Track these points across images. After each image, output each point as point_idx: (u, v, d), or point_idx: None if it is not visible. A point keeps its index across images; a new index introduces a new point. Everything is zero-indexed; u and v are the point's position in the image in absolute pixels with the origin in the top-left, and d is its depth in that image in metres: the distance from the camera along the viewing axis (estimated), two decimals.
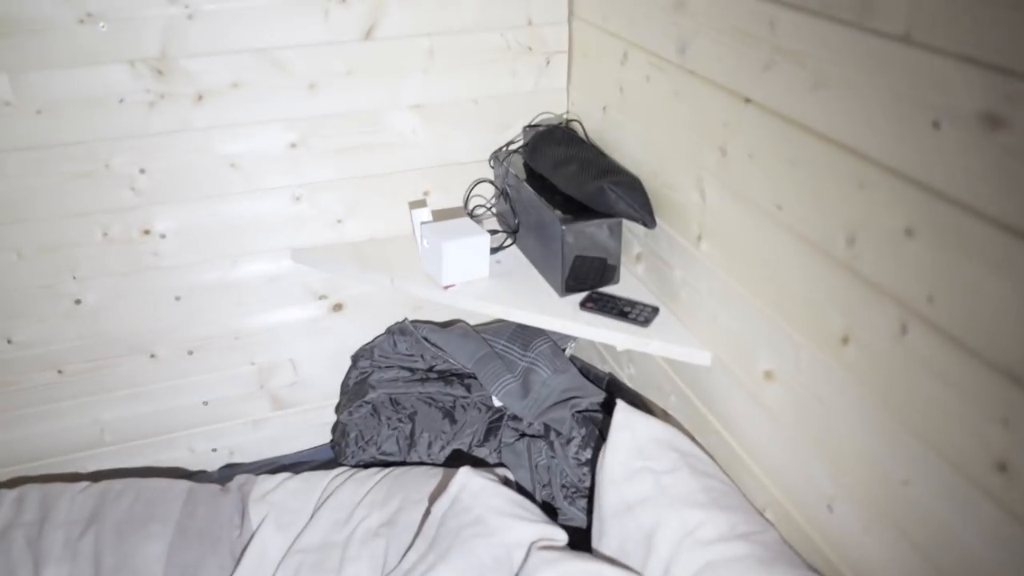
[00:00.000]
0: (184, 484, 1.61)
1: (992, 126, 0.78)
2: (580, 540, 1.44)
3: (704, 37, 1.22)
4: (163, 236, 1.60)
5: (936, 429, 0.91)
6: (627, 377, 1.73)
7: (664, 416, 1.56)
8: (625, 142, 1.54)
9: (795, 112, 1.05)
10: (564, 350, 1.85)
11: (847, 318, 1.03)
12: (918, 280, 0.91)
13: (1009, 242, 0.79)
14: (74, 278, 1.58)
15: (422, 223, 1.58)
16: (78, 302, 1.61)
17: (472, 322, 1.92)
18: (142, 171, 1.53)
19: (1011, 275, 0.79)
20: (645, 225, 1.43)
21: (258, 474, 1.69)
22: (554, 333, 1.79)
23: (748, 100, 1.14)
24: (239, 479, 1.65)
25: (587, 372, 1.80)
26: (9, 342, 1.60)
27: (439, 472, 1.57)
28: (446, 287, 1.56)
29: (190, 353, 1.74)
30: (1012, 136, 0.77)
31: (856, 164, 0.97)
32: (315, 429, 1.94)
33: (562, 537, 1.35)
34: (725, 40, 1.17)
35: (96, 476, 1.76)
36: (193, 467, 1.87)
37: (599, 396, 1.68)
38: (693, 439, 1.43)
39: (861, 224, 0.98)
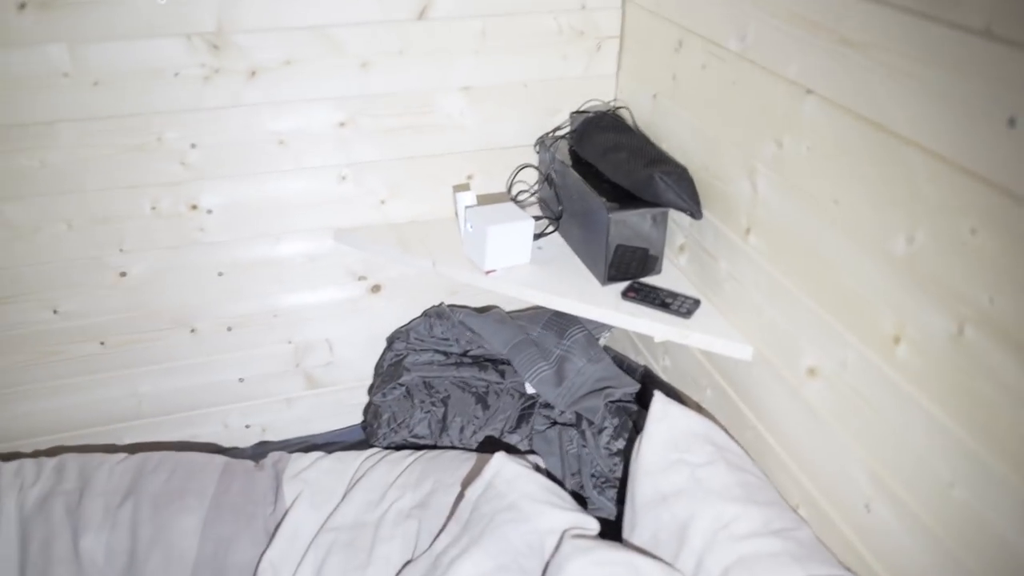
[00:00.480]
0: (220, 459, 1.63)
1: None
2: (608, 530, 1.44)
3: (766, 25, 1.21)
4: (210, 212, 1.61)
5: (990, 432, 0.90)
6: (661, 369, 1.72)
7: (699, 410, 1.54)
8: (675, 131, 1.52)
9: (859, 105, 1.03)
10: (598, 339, 1.84)
11: (900, 317, 1.01)
12: (979, 281, 0.89)
13: None
14: (121, 250, 1.60)
15: (466, 207, 1.58)
16: (123, 274, 1.63)
17: (507, 308, 1.92)
18: (193, 146, 1.54)
19: None
20: (692, 216, 1.42)
21: (291, 452, 1.71)
22: (589, 322, 1.78)
23: (810, 91, 1.13)
24: (273, 456, 1.66)
25: (620, 362, 1.79)
26: (55, 312, 1.62)
27: (472, 457, 1.57)
28: (488, 272, 1.56)
29: (229, 329, 1.76)
30: None
31: (922, 159, 0.95)
32: (347, 409, 1.95)
33: (594, 526, 1.34)
34: (788, 29, 1.15)
35: (132, 448, 1.78)
36: (226, 442, 1.88)
37: (633, 387, 1.67)
38: (728, 432, 1.41)
39: (923, 221, 0.96)
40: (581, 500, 1.58)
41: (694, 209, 1.40)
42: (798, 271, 1.21)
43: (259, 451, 1.86)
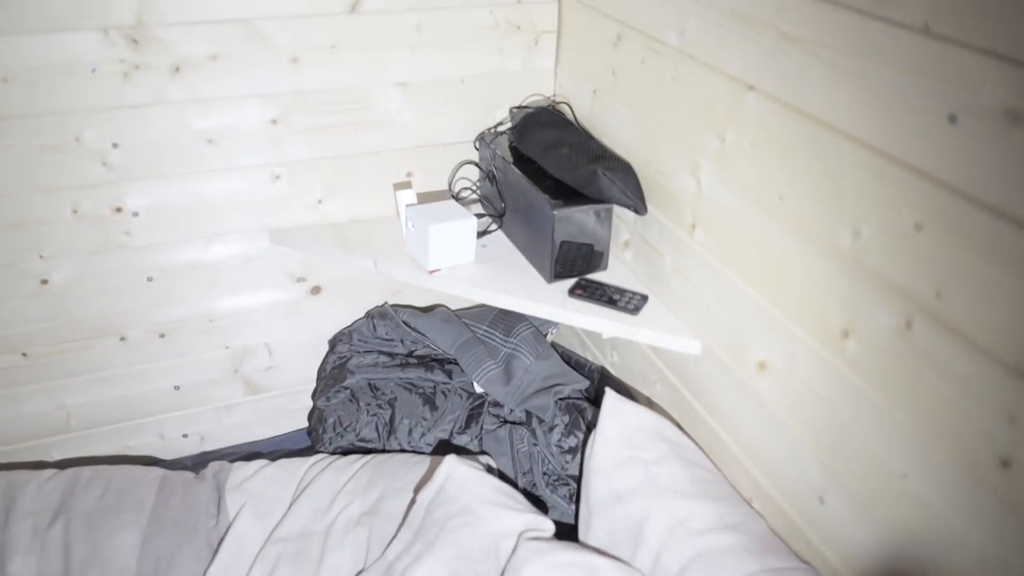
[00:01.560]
0: (157, 472, 1.56)
1: (1012, 121, 0.77)
2: (563, 530, 1.43)
3: (706, 21, 1.20)
4: (136, 214, 1.54)
5: (939, 424, 0.91)
6: (610, 364, 1.72)
7: (649, 405, 1.55)
8: (616, 126, 1.51)
9: (802, 101, 1.04)
10: (546, 336, 1.83)
11: (848, 312, 1.02)
12: (926, 275, 0.90)
13: (1022, 239, 0.78)
14: (41, 257, 1.51)
15: (407, 205, 1.54)
16: (45, 282, 1.54)
17: (452, 307, 1.89)
18: (115, 145, 1.46)
19: (1022, 271, 0.79)
20: (637, 212, 1.41)
21: (232, 461, 1.65)
22: (535, 319, 1.77)
23: (751, 87, 1.12)
24: (214, 466, 1.60)
25: (568, 359, 1.78)
26: None
27: (422, 460, 1.55)
28: (432, 271, 1.53)
29: (162, 336, 1.68)
30: None
31: (865, 155, 0.95)
32: (290, 415, 1.89)
33: (549, 527, 1.33)
34: (729, 25, 1.15)
35: (63, 464, 1.70)
36: (163, 453, 1.81)
37: (582, 383, 1.66)
38: (681, 428, 1.42)
39: (868, 217, 0.97)
40: (534, 499, 1.57)
41: (639, 205, 1.39)
42: (745, 266, 1.21)
43: (198, 461, 1.79)
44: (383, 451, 1.67)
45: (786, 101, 1.07)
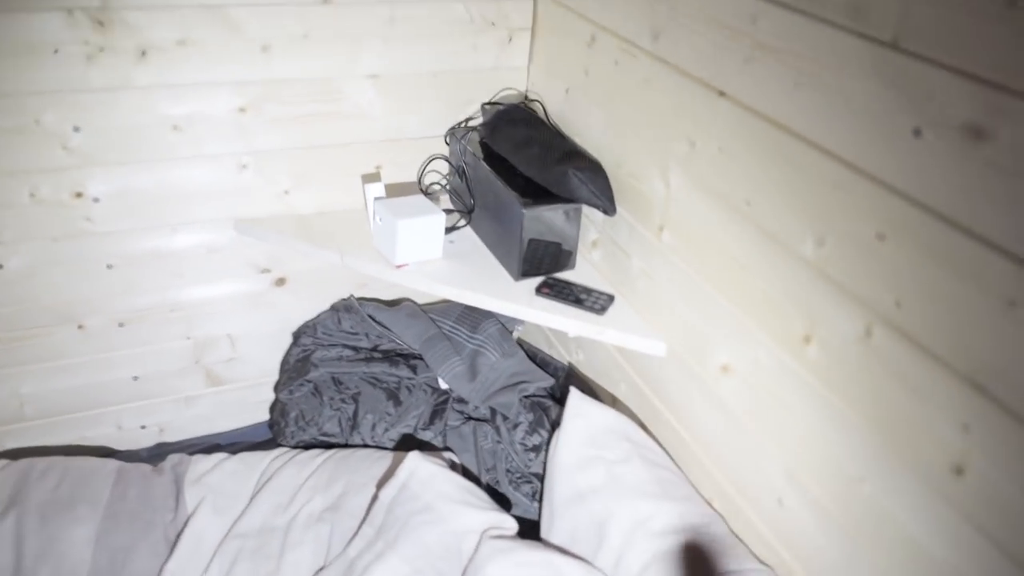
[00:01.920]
0: (113, 464, 1.54)
1: (975, 138, 0.79)
2: (526, 528, 1.43)
3: (680, 26, 1.21)
4: (96, 200, 1.50)
5: (896, 430, 0.93)
6: (575, 363, 1.72)
7: (614, 404, 1.56)
8: (587, 126, 1.52)
9: (772, 109, 1.05)
10: (512, 333, 1.83)
11: (810, 318, 1.04)
12: (886, 285, 0.92)
13: (982, 253, 0.80)
14: None
15: (376, 199, 1.53)
16: (0, 267, 1.50)
17: (419, 301, 1.88)
18: (76, 129, 1.42)
19: (981, 285, 0.81)
20: (606, 212, 1.41)
21: (192, 453, 1.62)
22: (502, 316, 1.77)
23: (723, 93, 1.13)
24: (172, 459, 1.58)
25: (534, 356, 1.79)
26: None
27: (385, 455, 1.54)
28: (399, 266, 1.52)
29: (121, 325, 1.65)
30: (994, 149, 0.78)
31: (831, 165, 0.97)
32: (251, 407, 1.87)
33: (512, 525, 1.34)
34: (703, 31, 1.16)
35: (16, 454, 1.66)
36: (120, 445, 1.78)
37: (547, 381, 1.67)
38: (644, 428, 1.43)
39: (832, 226, 0.98)
40: (497, 496, 1.57)
41: (608, 205, 1.40)
42: (711, 269, 1.23)
43: (157, 453, 1.76)
44: (346, 446, 1.66)
45: (756, 109, 1.08)
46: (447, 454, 1.56)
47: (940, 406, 0.87)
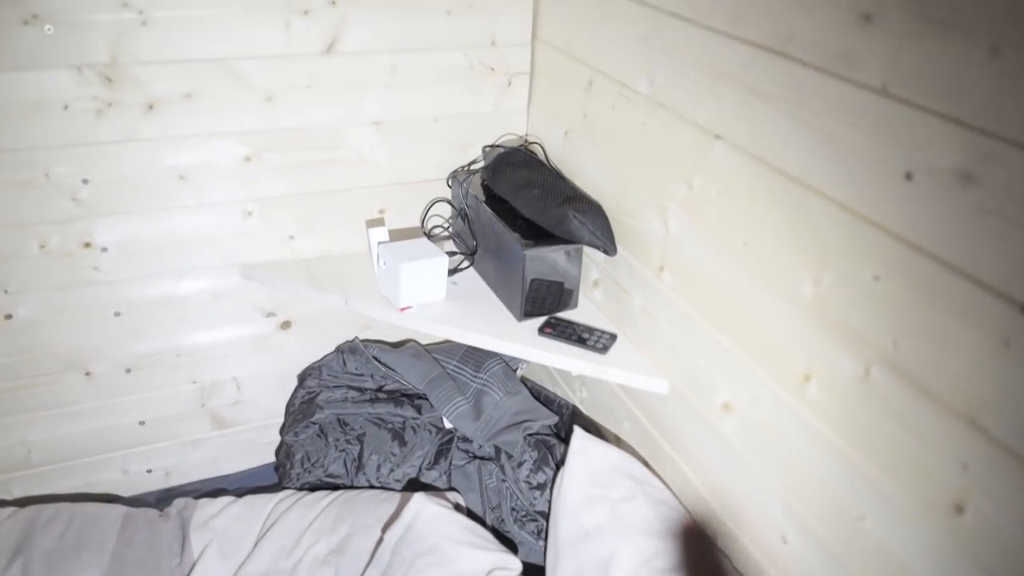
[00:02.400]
0: (120, 509, 1.54)
1: (965, 182, 0.81)
2: (529, 568, 1.44)
3: (675, 72, 1.24)
4: (104, 249, 1.53)
5: (896, 469, 0.94)
6: (579, 401, 1.73)
7: (617, 442, 1.56)
8: (587, 168, 1.54)
9: (767, 152, 1.07)
10: (515, 371, 1.84)
11: (810, 357, 1.05)
12: (883, 325, 0.94)
13: (975, 294, 0.82)
14: (6, 292, 1.50)
15: (379, 243, 1.55)
16: (8, 317, 1.52)
17: (423, 342, 1.90)
18: (85, 181, 1.46)
19: (975, 325, 0.82)
20: (606, 252, 1.44)
21: (197, 497, 1.63)
22: (505, 354, 1.78)
23: (718, 137, 1.16)
24: (178, 503, 1.59)
25: (538, 394, 1.80)
26: None
27: (390, 496, 1.55)
28: (403, 309, 1.54)
29: (128, 371, 1.67)
30: (984, 193, 0.80)
31: (827, 208, 0.99)
32: (257, 448, 1.88)
33: (516, 566, 1.34)
34: (697, 76, 1.19)
35: (23, 501, 1.67)
36: (127, 489, 1.78)
37: (551, 419, 1.67)
38: (648, 466, 1.44)
39: (829, 266, 1.00)
40: (501, 535, 1.58)
41: (608, 246, 1.42)
42: (711, 308, 1.24)
43: (163, 497, 1.77)
44: (351, 487, 1.67)
45: (751, 152, 1.10)
46: (451, 495, 1.56)
47: (939, 445, 0.88)
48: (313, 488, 1.67)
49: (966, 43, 0.79)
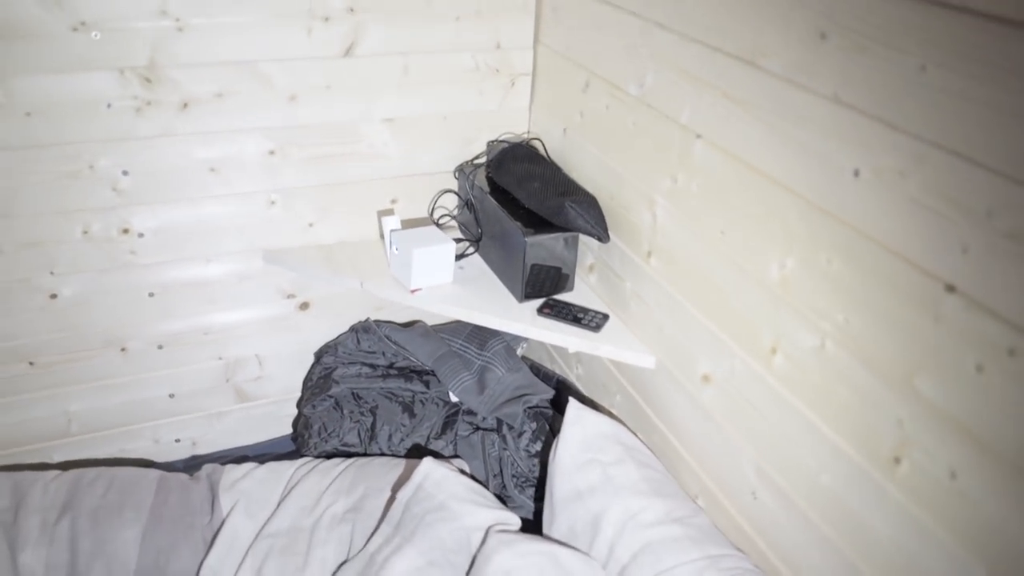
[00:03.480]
0: (155, 473, 1.68)
1: (901, 178, 0.95)
2: (529, 525, 1.58)
3: (662, 76, 1.37)
4: (141, 235, 1.67)
5: (846, 428, 1.08)
6: (575, 377, 1.87)
7: (609, 414, 1.71)
8: (584, 163, 1.68)
9: (740, 151, 1.21)
10: (516, 350, 1.98)
11: (776, 332, 1.19)
12: (836, 303, 1.07)
13: (910, 274, 0.96)
14: (52, 273, 1.64)
15: (392, 231, 1.69)
16: (54, 296, 1.66)
17: (430, 322, 2.04)
18: (125, 173, 1.59)
19: (911, 301, 0.96)
20: (600, 240, 1.57)
21: (223, 464, 1.77)
22: (507, 334, 1.92)
23: (699, 136, 1.30)
24: (207, 468, 1.73)
25: (537, 371, 1.94)
26: None
27: (401, 463, 1.69)
28: (413, 291, 1.68)
29: (160, 347, 1.81)
30: (916, 188, 0.93)
31: (790, 200, 1.13)
32: (276, 421, 2.02)
33: (516, 522, 1.48)
34: (679, 81, 1.32)
35: (64, 466, 1.81)
36: (157, 457, 1.93)
37: (549, 393, 1.81)
38: (635, 434, 1.58)
39: (792, 251, 1.14)
40: (503, 499, 1.72)
41: (602, 234, 1.56)
42: (692, 291, 1.38)
43: (190, 464, 1.91)
44: (365, 455, 1.81)
45: (727, 150, 1.24)
46: (456, 461, 1.70)
47: (879, 405, 1.02)
48: (329, 456, 1.81)
49: (901, 61, 0.93)
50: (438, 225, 1.83)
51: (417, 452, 1.80)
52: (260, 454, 1.99)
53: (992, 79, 0.83)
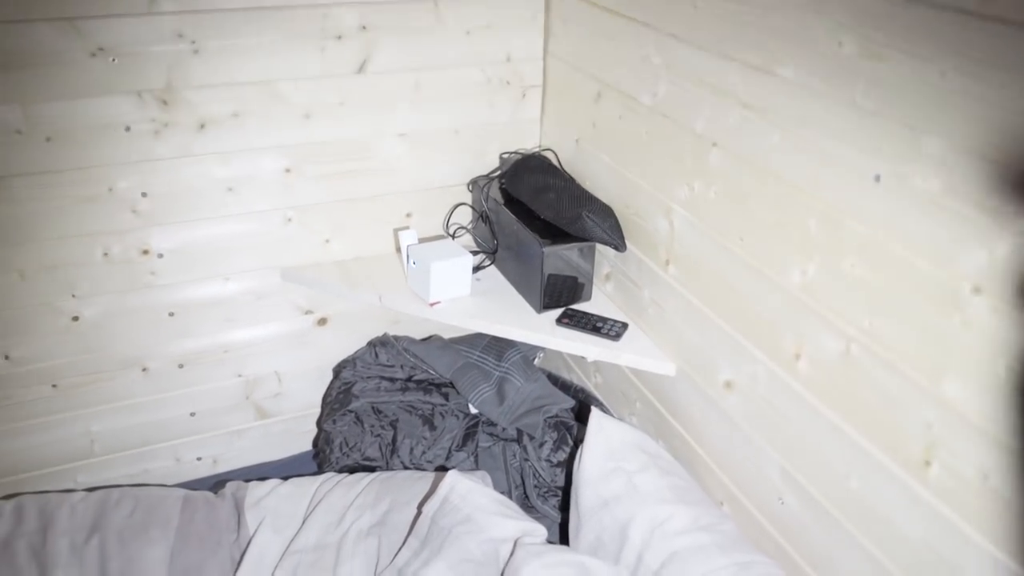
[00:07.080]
0: (179, 492, 1.69)
1: (922, 182, 0.96)
2: (552, 536, 1.58)
3: (676, 85, 1.38)
4: (160, 256, 1.68)
5: (874, 432, 1.09)
6: (594, 385, 1.88)
7: (630, 421, 1.71)
8: (597, 173, 1.69)
9: (758, 158, 1.22)
10: (534, 360, 1.99)
11: (799, 337, 1.20)
12: (859, 307, 1.08)
13: (939, 277, 0.96)
14: (73, 296, 1.65)
15: (409, 245, 1.70)
16: (76, 319, 1.68)
17: (446, 335, 2.05)
18: (144, 195, 1.61)
19: (939, 305, 0.97)
20: (617, 249, 1.58)
21: (246, 481, 1.78)
22: (524, 345, 1.93)
23: (715, 144, 1.30)
24: (231, 486, 1.74)
25: (555, 380, 1.95)
26: (6, 358, 1.66)
27: (424, 476, 1.69)
28: (432, 304, 1.69)
29: (180, 367, 1.82)
30: (936, 190, 0.94)
31: (809, 205, 1.13)
32: (295, 437, 2.03)
33: (542, 532, 1.48)
34: (695, 90, 1.33)
35: (88, 487, 1.82)
36: (178, 476, 1.94)
37: (568, 402, 1.82)
38: (658, 441, 1.58)
39: (812, 257, 1.15)
40: (526, 510, 1.72)
41: (619, 243, 1.57)
42: (712, 298, 1.39)
43: (211, 483, 1.92)
44: (387, 469, 1.82)
45: (744, 157, 1.25)
46: (477, 473, 1.71)
47: (908, 409, 1.03)
48: (351, 471, 1.82)
49: (920, 67, 0.94)
50: (453, 238, 1.84)
51: (438, 469, 1.81)
52: (280, 472, 2.00)
53: (1012, 83, 0.83)
